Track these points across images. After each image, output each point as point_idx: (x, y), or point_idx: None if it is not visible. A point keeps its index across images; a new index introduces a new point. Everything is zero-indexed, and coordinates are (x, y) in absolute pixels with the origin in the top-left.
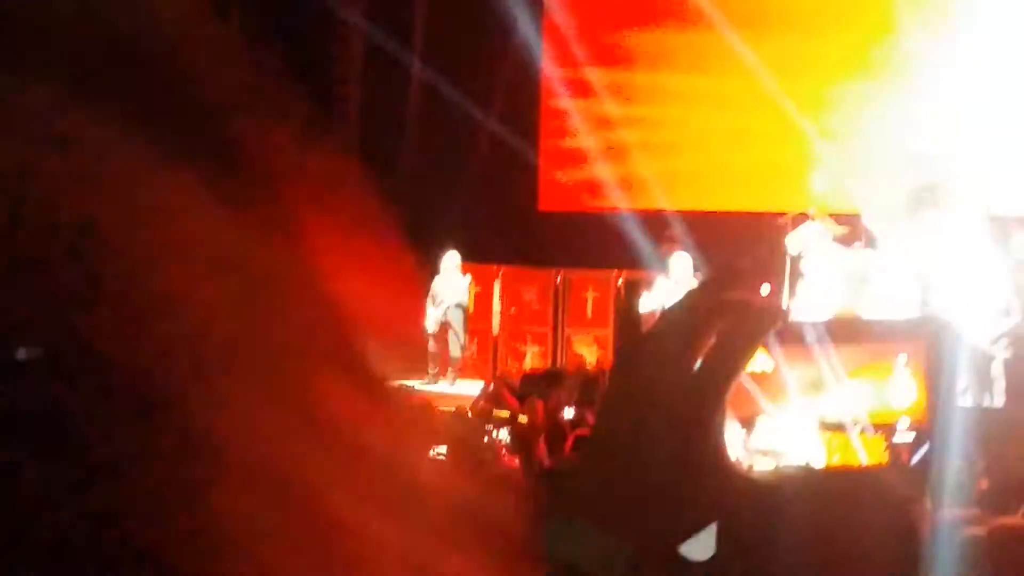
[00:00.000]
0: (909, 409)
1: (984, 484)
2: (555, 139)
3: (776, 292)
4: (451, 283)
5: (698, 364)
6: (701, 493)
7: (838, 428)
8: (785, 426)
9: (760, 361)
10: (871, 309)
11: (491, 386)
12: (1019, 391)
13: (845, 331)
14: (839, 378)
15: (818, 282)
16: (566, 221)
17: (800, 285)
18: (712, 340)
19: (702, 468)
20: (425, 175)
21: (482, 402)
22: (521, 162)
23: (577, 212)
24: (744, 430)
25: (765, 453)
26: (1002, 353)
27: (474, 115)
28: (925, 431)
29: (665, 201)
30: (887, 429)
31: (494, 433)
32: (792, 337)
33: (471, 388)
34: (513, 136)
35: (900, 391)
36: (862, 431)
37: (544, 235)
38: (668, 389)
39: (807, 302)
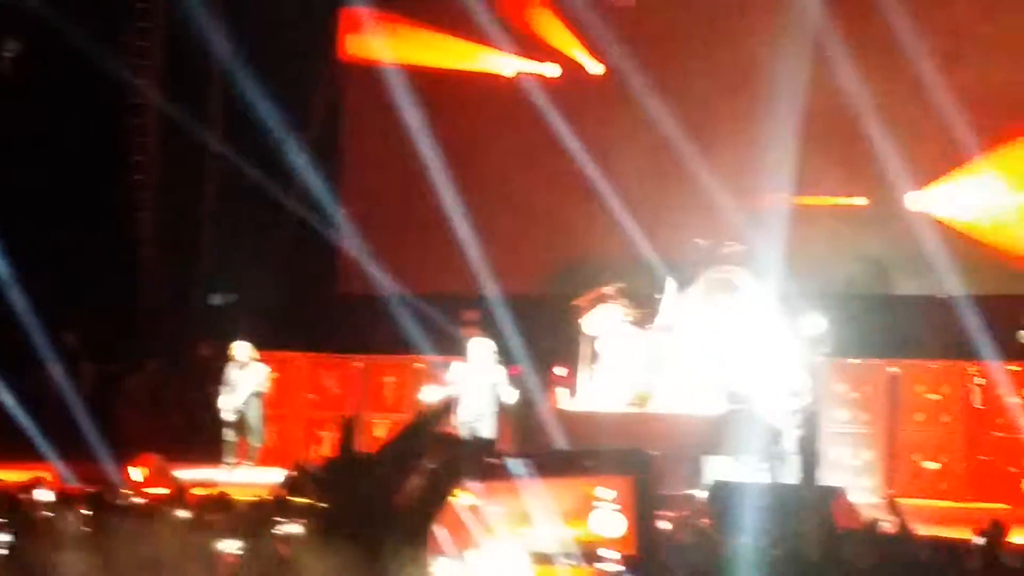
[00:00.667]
0: (615, 540)
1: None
2: (357, 221)
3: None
4: (248, 371)
5: (407, 496)
6: None
7: (546, 560)
8: (496, 558)
9: (469, 496)
10: (667, 392)
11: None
12: (810, 468)
13: (552, 465)
14: (546, 511)
15: (615, 365)
16: (367, 306)
17: (596, 368)
18: (423, 472)
19: None
20: (224, 261)
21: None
22: (322, 248)
23: (377, 296)
24: (458, 561)
25: None
26: (795, 431)
27: (274, 201)
28: (632, 560)
29: (467, 284)
30: (594, 559)
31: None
32: (501, 472)
33: (270, 476)
34: (315, 220)
35: (606, 522)
36: (570, 562)
37: (345, 321)
38: (380, 522)
39: (603, 385)
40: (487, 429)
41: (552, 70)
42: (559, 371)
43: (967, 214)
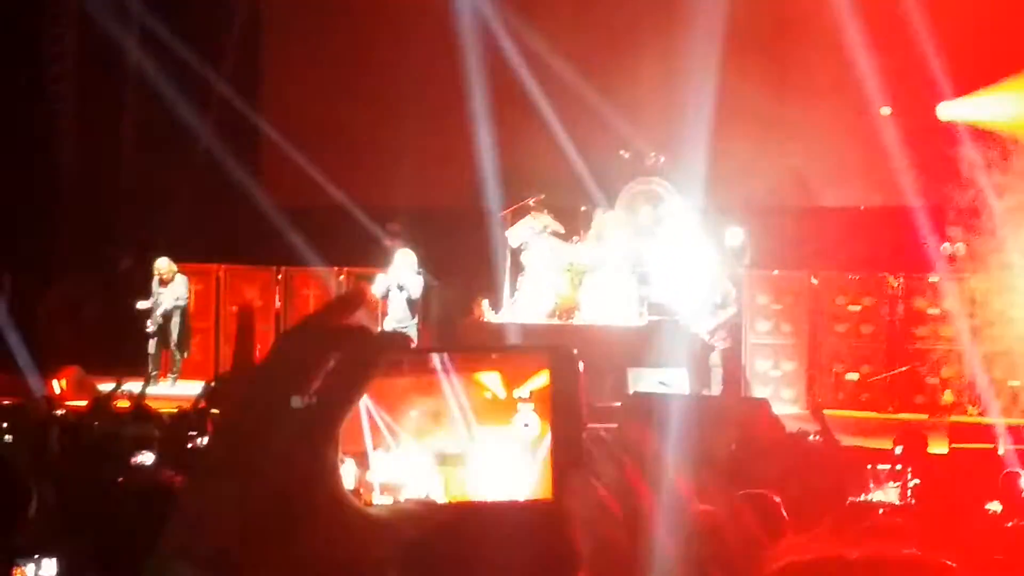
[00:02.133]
0: (531, 440)
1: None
2: (278, 132)
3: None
4: (170, 284)
5: (312, 396)
6: (318, 531)
7: (457, 461)
8: (403, 459)
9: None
10: (591, 303)
11: (212, 385)
12: (734, 379)
13: (467, 360)
14: (461, 408)
15: (538, 276)
16: (288, 218)
17: (520, 279)
18: (326, 369)
19: (318, 505)
20: (143, 174)
21: (203, 402)
22: (242, 159)
23: (299, 208)
24: (361, 463)
25: (384, 488)
26: (720, 343)
27: (194, 112)
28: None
29: (388, 196)
30: None
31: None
32: (414, 366)
33: (193, 389)
34: (234, 132)
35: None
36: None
37: (266, 232)
38: (279, 427)
39: (528, 296)
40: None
41: None
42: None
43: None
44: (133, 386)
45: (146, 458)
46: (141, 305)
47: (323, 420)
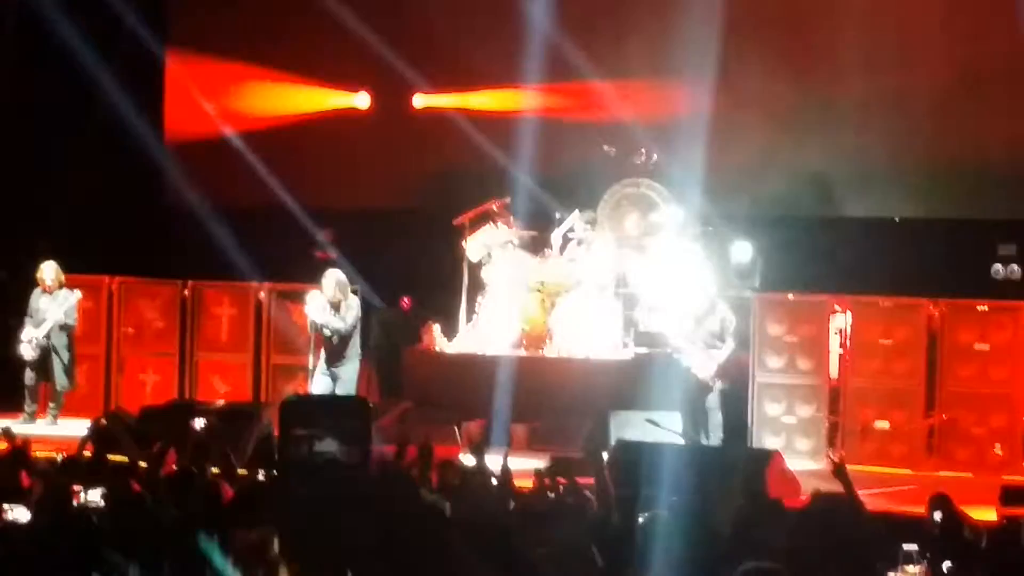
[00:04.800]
0: None
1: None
2: (181, 120)
3: None
4: (55, 298)
5: None
6: None
7: None
8: None
9: None
10: (565, 330)
11: (102, 424)
12: (737, 426)
13: None
14: None
15: (502, 296)
16: (196, 221)
17: (480, 300)
18: None
19: None
20: (20, 165)
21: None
22: (142, 149)
23: (211, 209)
24: None
25: None
26: (720, 383)
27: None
28: None
29: (319, 197)
30: None
31: (85, 495)
32: None
33: (79, 428)
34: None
35: None
36: None
37: (170, 238)
38: None
39: (489, 320)
40: (347, 375)
41: None
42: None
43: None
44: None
45: (19, 513)
46: (27, 335)
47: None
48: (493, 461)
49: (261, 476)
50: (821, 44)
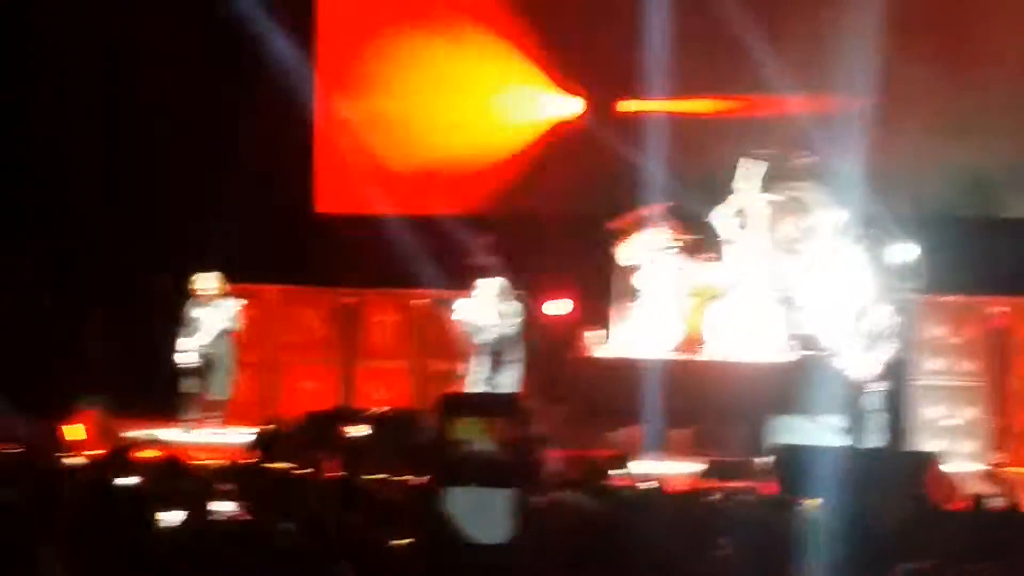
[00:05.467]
0: None
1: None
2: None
3: None
4: (216, 307)
5: None
6: None
7: None
8: None
9: None
10: (722, 334)
11: (264, 432)
12: (896, 429)
13: None
14: None
15: (658, 301)
16: (356, 230)
17: (636, 305)
18: None
19: None
20: (181, 176)
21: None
22: (295, 157)
23: (369, 218)
24: None
25: None
26: (878, 384)
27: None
28: None
29: (475, 204)
30: None
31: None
32: None
33: (239, 436)
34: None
35: None
36: None
37: (330, 247)
38: None
39: (645, 326)
40: (509, 380)
41: None
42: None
43: None
44: (165, 433)
45: (173, 519)
46: (184, 344)
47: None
48: (650, 466)
49: (420, 480)
50: (982, 43)
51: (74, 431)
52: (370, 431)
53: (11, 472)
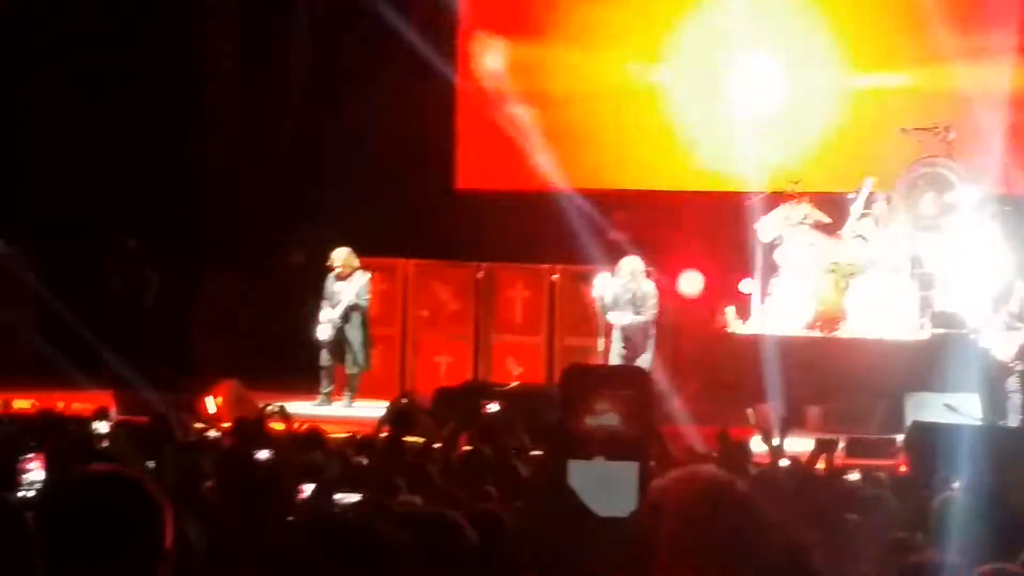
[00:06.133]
0: None
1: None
2: (475, 106)
3: None
4: (349, 282)
5: None
6: None
7: None
8: None
9: None
10: (860, 311)
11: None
12: None
13: None
14: None
15: (795, 277)
16: (489, 204)
17: (774, 280)
18: None
19: None
20: (315, 151)
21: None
22: (433, 134)
23: (502, 193)
24: None
25: None
26: (1019, 364)
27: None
28: None
29: (612, 180)
30: None
31: None
32: None
33: (373, 410)
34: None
35: None
36: None
37: (464, 221)
38: None
39: (782, 302)
40: (644, 356)
41: None
42: (744, 287)
43: None
44: (301, 406)
45: (311, 490)
46: (326, 318)
47: None
48: (786, 443)
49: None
50: None
51: (211, 403)
52: (502, 406)
53: (150, 445)
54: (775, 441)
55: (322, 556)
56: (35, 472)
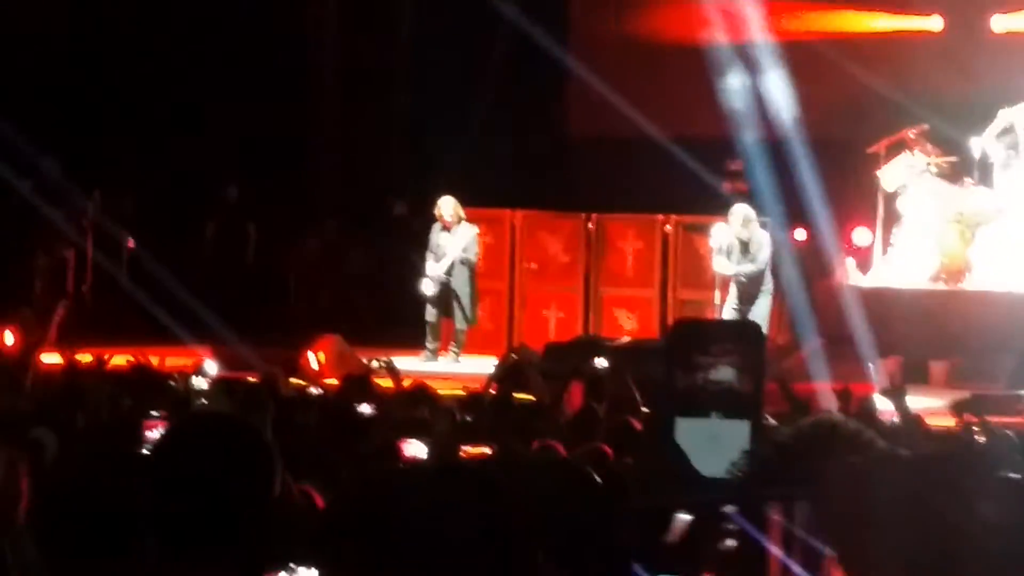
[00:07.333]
0: None
1: None
2: (586, 50)
3: None
4: (455, 234)
5: None
6: None
7: None
8: None
9: None
10: (986, 263)
11: (510, 361)
12: None
13: None
14: None
15: (918, 228)
16: (599, 153)
17: (896, 230)
18: None
19: None
20: (419, 99)
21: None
22: (542, 80)
23: (613, 140)
24: None
25: None
26: None
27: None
28: None
29: (726, 127)
30: None
31: None
32: None
33: (481, 365)
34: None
35: None
36: None
37: (573, 170)
38: None
39: (905, 253)
40: (760, 310)
41: None
42: (861, 238)
43: None
44: (407, 361)
45: (417, 449)
46: (431, 271)
47: None
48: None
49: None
50: None
51: (313, 359)
52: (612, 362)
53: (253, 401)
54: (901, 398)
55: (441, 505)
56: (157, 432)
